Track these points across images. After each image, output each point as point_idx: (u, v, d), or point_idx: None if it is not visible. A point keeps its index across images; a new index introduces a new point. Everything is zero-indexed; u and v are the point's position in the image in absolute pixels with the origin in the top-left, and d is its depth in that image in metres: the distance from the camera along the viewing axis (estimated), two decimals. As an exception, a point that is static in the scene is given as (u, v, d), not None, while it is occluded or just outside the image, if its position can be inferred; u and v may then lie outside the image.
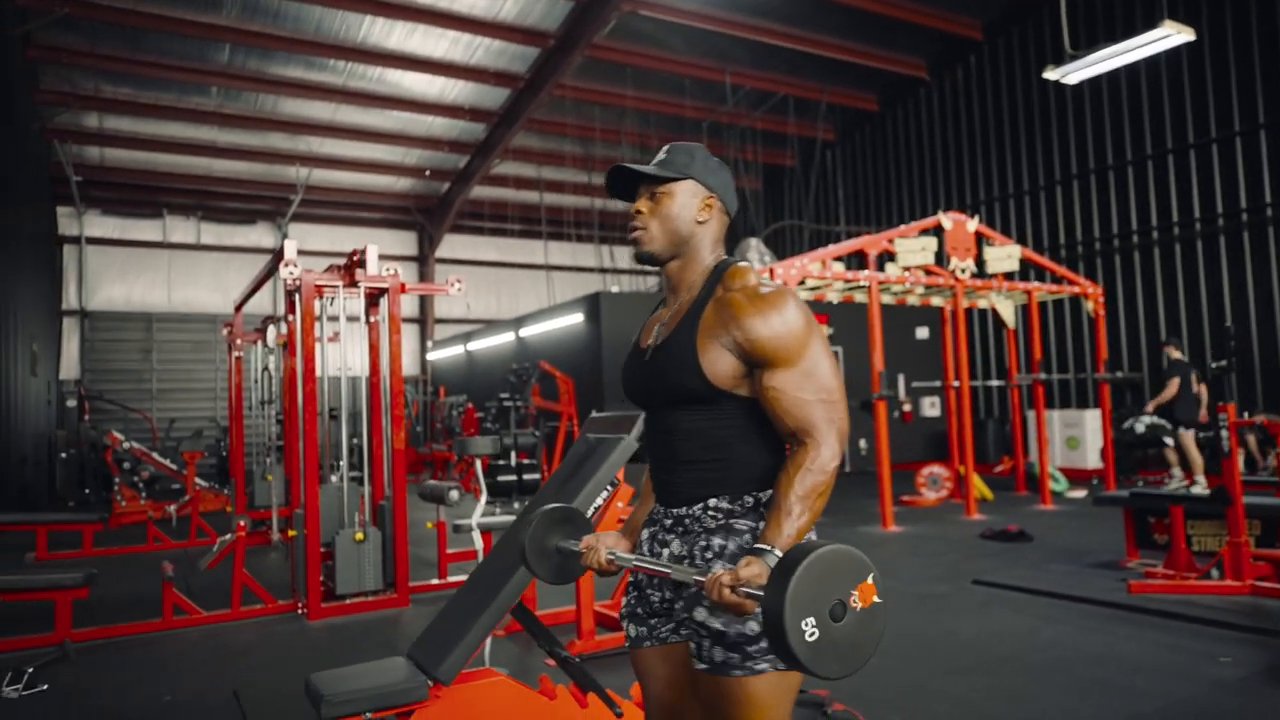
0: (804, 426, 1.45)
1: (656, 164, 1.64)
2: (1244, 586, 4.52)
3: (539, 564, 1.76)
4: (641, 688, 1.67)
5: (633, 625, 1.66)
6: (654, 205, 1.62)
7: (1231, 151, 11.06)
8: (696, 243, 1.62)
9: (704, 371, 1.51)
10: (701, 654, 1.47)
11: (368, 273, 5.44)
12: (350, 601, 5.11)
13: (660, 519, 1.64)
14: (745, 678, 1.43)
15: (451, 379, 17.84)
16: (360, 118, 15.31)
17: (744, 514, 1.53)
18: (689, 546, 1.55)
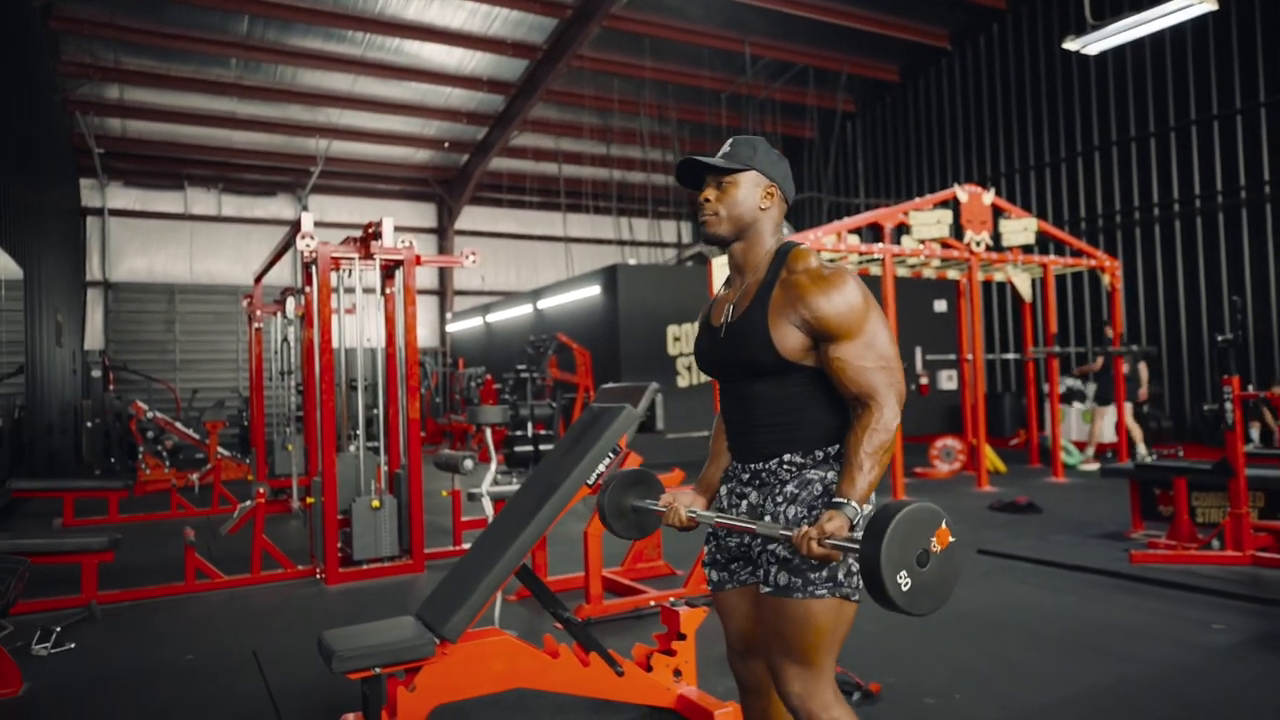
0: (867, 391, 1.64)
1: (722, 156, 1.81)
2: (1244, 557, 4.55)
3: (616, 522, 2.02)
4: (724, 622, 1.90)
5: (714, 571, 1.89)
6: (721, 194, 1.79)
7: (1256, 123, 10.86)
8: (759, 227, 1.80)
9: (775, 346, 1.70)
10: (767, 578, 1.69)
11: (383, 245, 5.53)
12: (367, 567, 5.26)
13: (738, 474, 1.84)
14: (805, 600, 1.63)
15: (471, 351, 18.00)
16: (379, 89, 15.35)
17: (814, 466, 1.74)
18: (765, 495, 1.77)
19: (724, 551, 1.86)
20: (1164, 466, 5.14)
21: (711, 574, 1.90)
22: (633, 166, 18.51)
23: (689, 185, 1.86)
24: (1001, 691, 2.99)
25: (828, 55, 15.33)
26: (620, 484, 2.04)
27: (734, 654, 1.92)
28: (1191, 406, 11.59)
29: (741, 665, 1.91)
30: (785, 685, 1.67)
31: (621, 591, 4.52)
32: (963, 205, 8.54)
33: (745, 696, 1.94)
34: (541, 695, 3.02)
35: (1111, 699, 2.89)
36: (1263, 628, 3.60)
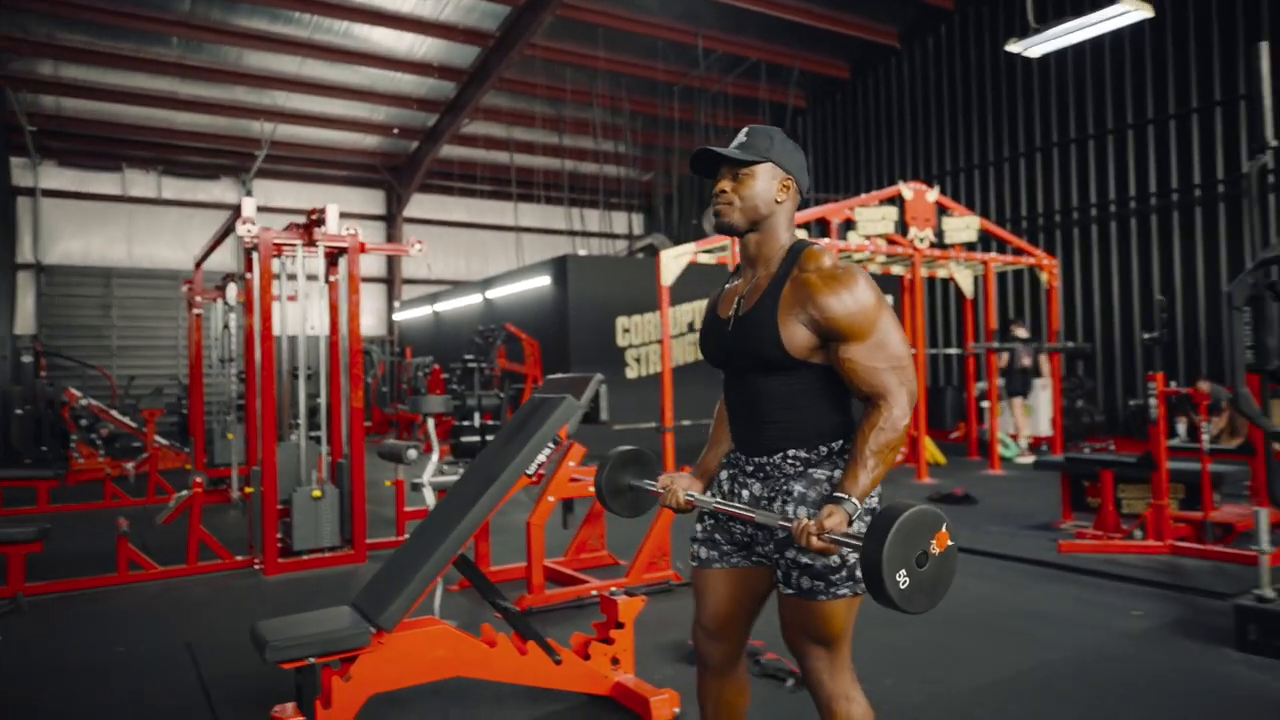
0: (877, 391, 1.67)
1: (738, 146, 1.80)
2: (1164, 546, 4.75)
3: (613, 500, 2.09)
4: (699, 600, 1.94)
5: (704, 549, 1.92)
6: (737, 185, 1.79)
7: (1188, 129, 11.26)
8: (774, 220, 1.80)
9: (783, 343, 1.71)
10: (790, 582, 1.73)
11: (327, 232, 5.45)
12: (307, 558, 5.20)
13: (741, 464, 1.87)
14: (828, 601, 1.70)
15: (419, 340, 17.80)
16: (327, 72, 15.05)
17: (819, 462, 1.77)
18: (770, 489, 1.79)
19: (724, 533, 1.89)
20: (1092, 460, 5.33)
21: (700, 550, 1.92)
22: (585, 157, 18.45)
23: (703, 174, 1.86)
24: (930, 676, 3.09)
25: (780, 50, 15.45)
26: (617, 463, 2.09)
27: (703, 631, 1.94)
28: (1124, 402, 11.99)
29: (708, 643, 1.94)
30: (811, 663, 1.77)
31: (564, 581, 4.55)
32: (907, 202, 8.71)
33: (705, 673, 1.97)
34: (481, 684, 3.03)
35: (1032, 682, 3.00)
36: (1177, 613, 3.77)
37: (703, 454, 2.05)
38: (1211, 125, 11.01)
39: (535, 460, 2.82)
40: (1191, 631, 3.50)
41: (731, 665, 1.94)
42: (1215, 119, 10.96)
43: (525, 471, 2.81)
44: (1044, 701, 2.82)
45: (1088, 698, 2.85)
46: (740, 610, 1.90)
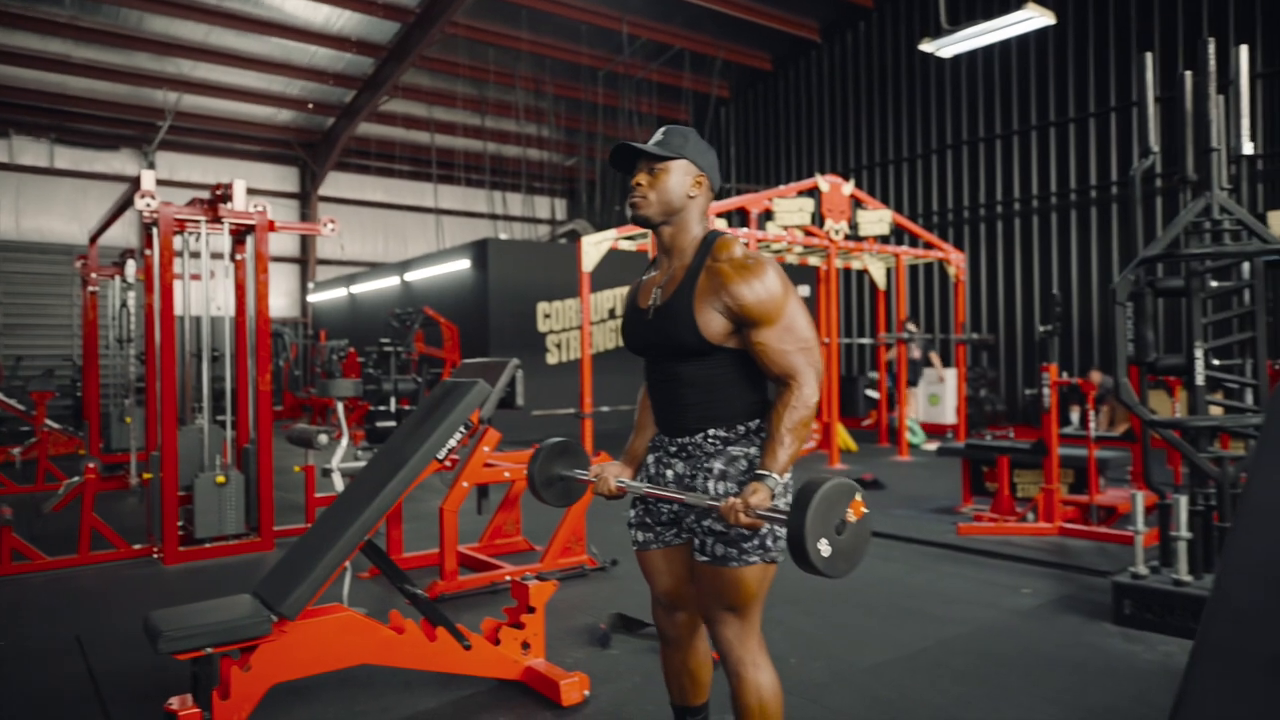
0: (788, 372, 1.79)
1: (655, 144, 1.90)
2: (1054, 528, 5.02)
3: (544, 490, 2.16)
4: (649, 579, 2.05)
5: (640, 532, 2.03)
6: (652, 179, 1.88)
7: (1085, 132, 11.82)
8: (687, 214, 1.90)
9: (699, 330, 1.81)
10: (704, 549, 1.84)
11: (233, 208, 5.25)
12: (210, 546, 5.03)
13: (665, 446, 1.98)
14: (739, 568, 1.81)
15: (334, 322, 17.32)
16: (236, 42, 14.42)
17: (737, 440, 1.87)
18: (692, 467, 1.90)
19: (653, 515, 2.00)
20: (990, 446, 5.57)
21: (637, 535, 2.04)
22: (507, 140, 18.21)
23: (620, 169, 1.96)
24: (834, 655, 3.19)
25: (704, 40, 15.53)
26: (548, 454, 2.16)
27: (659, 608, 2.07)
28: (1023, 391, 12.56)
29: (666, 618, 2.05)
30: (721, 629, 1.86)
31: (479, 567, 4.52)
32: (824, 195, 8.90)
33: (666, 647, 2.08)
34: (388, 672, 3.00)
35: (927, 658, 3.14)
36: (1064, 591, 3.99)
37: (630, 441, 2.14)
38: (1107, 129, 11.59)
39: (446, 445, 2.79)
40: (1075, 607, 3.71)
41: (691, 636, 2.05)
42: (1111, 123, 11.54)
43: (436, 456, 2.78)
44: (940, 676, 2.96)
45: (979, 671, 3.00)
46: (685, 584, 2.01)
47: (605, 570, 4.54)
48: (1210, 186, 3.25)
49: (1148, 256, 3.26)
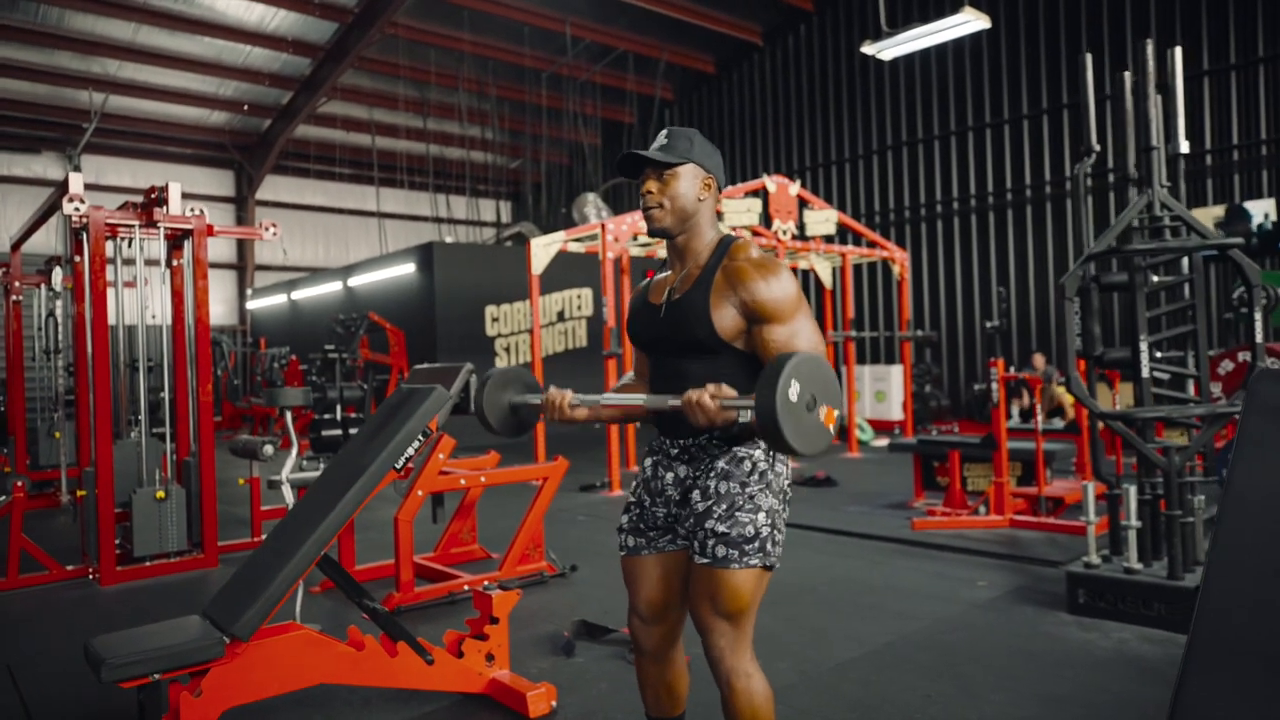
0: None
1: (660, 149, 1.89)
2: (1005, 520, 5.12)
3: (495, 418, 2.07)
4: (631, 588, 2.00)
5: (631, 537, 1.99)
6: (663, 186, 1.88)
7: (1019, 133, 12.15)
8: (700, 218, 1.91)
9: (713, 325, 1.81)
10: (705, 550, 1.80)
11: (168, 212, 5.05)
12: (150, 564, 4.83)
13: (665, 449, 1.95)
14: (739, 570, 1.78)
15: (274, 329, 16.87)
16: (166, 41, 13.96)
17: (743, 442, 1.85)
18: (696, 469, 1.87)
19: (646, 520, 1.96)
20: (941, 441, 5.67)
21: (628, 540, 1.99)
22: (450, 142, 17.98)
23: (627, 176, 1.96)
24: (798, 654, 3.19)
25: (648, 42, 15.55)
26: (496, 382, 2.08)
27: (638, 619, 2.00)
28: (965, 386, 12.84)
29: (644, 630, 2.00)
30: (714, 638, 1.82)
31: (434, 577, 4.43)
32: (771, 195, 8.97)
33: (643, 660, 2.03)
34: (347, 690, 2.90)
35: (892, 654, 3.16)
36: (1016, 582, 4.06)
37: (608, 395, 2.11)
38: (1041, 130, 11.93)
39: (404, 454, 2.71)
40: (1030, 598, 3.78)
41: (669, 649, 2.01)
42: (1042, 125, 11.88)
43: (394, 466, 2.70)
44: (905, 672, 2.98)
45: (943, 665, 3.03)
46: (671, 594, 1.97)
47: (565, 576, 4.48)
48: (1152, 184, 3.35)
49: (1095, 252, 3.33)
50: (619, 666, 3.11)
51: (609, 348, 7.47)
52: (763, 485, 1.83)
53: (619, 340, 7.61)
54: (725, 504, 1.80)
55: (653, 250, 10.03)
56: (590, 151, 18.22)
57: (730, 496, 1.81)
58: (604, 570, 4.58)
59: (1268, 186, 10.18)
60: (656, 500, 1.94)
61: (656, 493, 1.95)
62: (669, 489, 1.92)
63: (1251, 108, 10.23)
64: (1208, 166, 10.52)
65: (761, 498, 1.82)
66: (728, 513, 1.79)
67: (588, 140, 17.94)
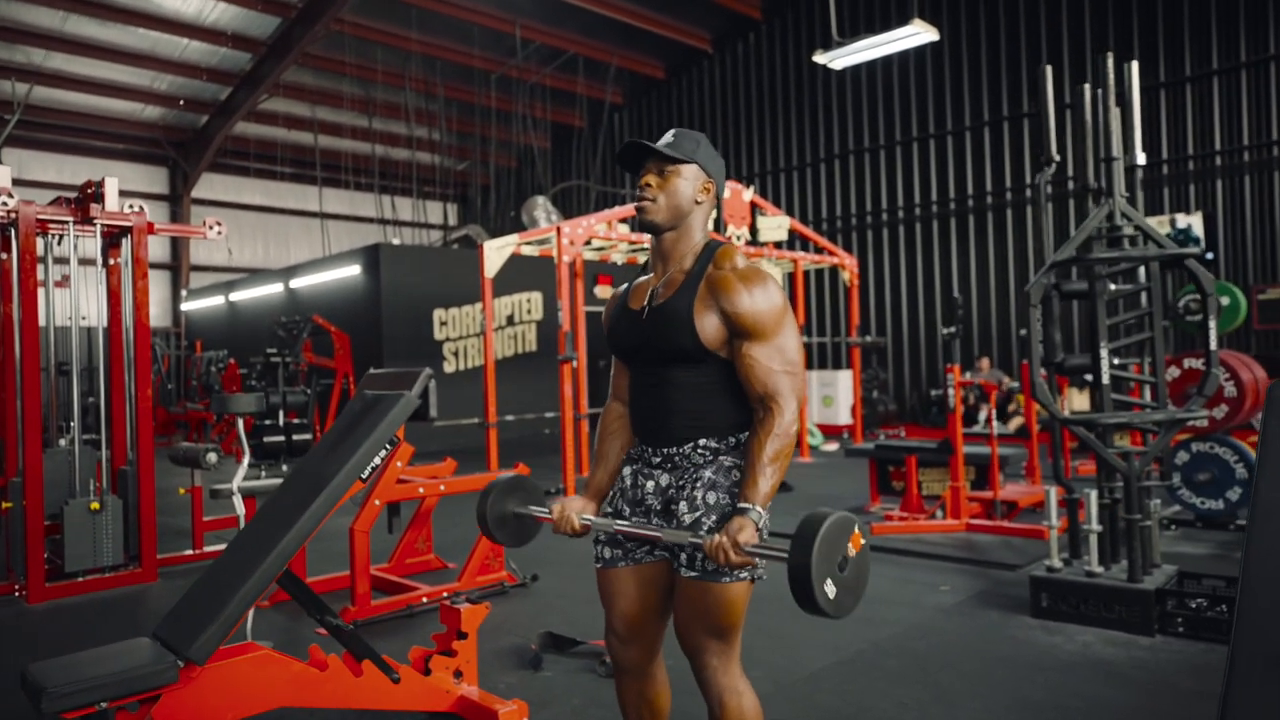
0: (770, 392, 1.72)
1: (666, 145, 1.83)
2: (961, 525, 5.19)
3: (498, 530, 2.03)
4: (607, 603, 1.92)
5: (608, 549, 1.91)
6: (663, 181, 1.82)
7: (969, 142, 12.43)
8: (692, 220, 1.85)
9: (697, 333, 1.75)
10: (695, 564, 1.74)
11: (105, 209, 4.81)
12: (83, 579, 4.58)
13: (646, 457, 1.87)
14: (730, 583, 1.73)
15: (210, 332, 16.32)
16: (96, 31, 13.42)
17: (728, 451, 1.80)
18: (680, 478, 1.80)
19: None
20: (899, 446, 5.72)
21: (604, 551, 1.91)
22: (397, 143, 17.66)
23: (627, 168, 1.89)
24: (771, 663, 3.16)
25: (598, 46, 15.51)
26: (501, 491, 2.04)
27: (614, 636, 1.93)
28: (911, 391, 13.07)
29: (621, 648, 1.93)
30: (704, 658, 1.78)
31: (391, 589, 4.28)
32: (725, 200, 8.99)
33: (622, 677, 1.96)
34: (305, 712, 2.77)
35: (863, 662, 3.15)
36: (979, 586, 4.10)
37: (591, 473, 2.04)
38: (989, 139, 12.23)
39: (371, 463, 2.60)
40: (993, 602, 3.82)
41: (649, 664, 1.94)
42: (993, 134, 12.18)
43: (360, 476, 2.58)
44: (877, 680, 2.96)
45: (915, 672, 3.02)
46: (650, 607, 1.90)
47: (526, 586, 4.39)
48: (1113, 194, 3.41)
49: (1059, 260, 3.38)
50: (590, 680, 3.03)
51: (564, 352, 7.38)
52: None
53: (573, 344, 7.53)
54: (715, 515, 1.75)
55: (606, 255, 9.98)
56: (540, 155, 18.09)
57: (720, 508, 1.75)
58: (566, 579, 4.49)
59: (1194, 201, 10.60)
60: (636, 510, 1.87)
61: (635, 502, 1.88)
62: (649, 498, 1.85)
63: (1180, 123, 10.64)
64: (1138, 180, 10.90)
65: None
66: (717, 524, 1.74)
67: (537, 143, 17.81)
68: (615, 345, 1.95)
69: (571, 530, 1.89)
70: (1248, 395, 4.75)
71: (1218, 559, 4.46)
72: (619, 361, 2.03)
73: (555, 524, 1.91)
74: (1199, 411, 3.26)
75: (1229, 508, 4.88)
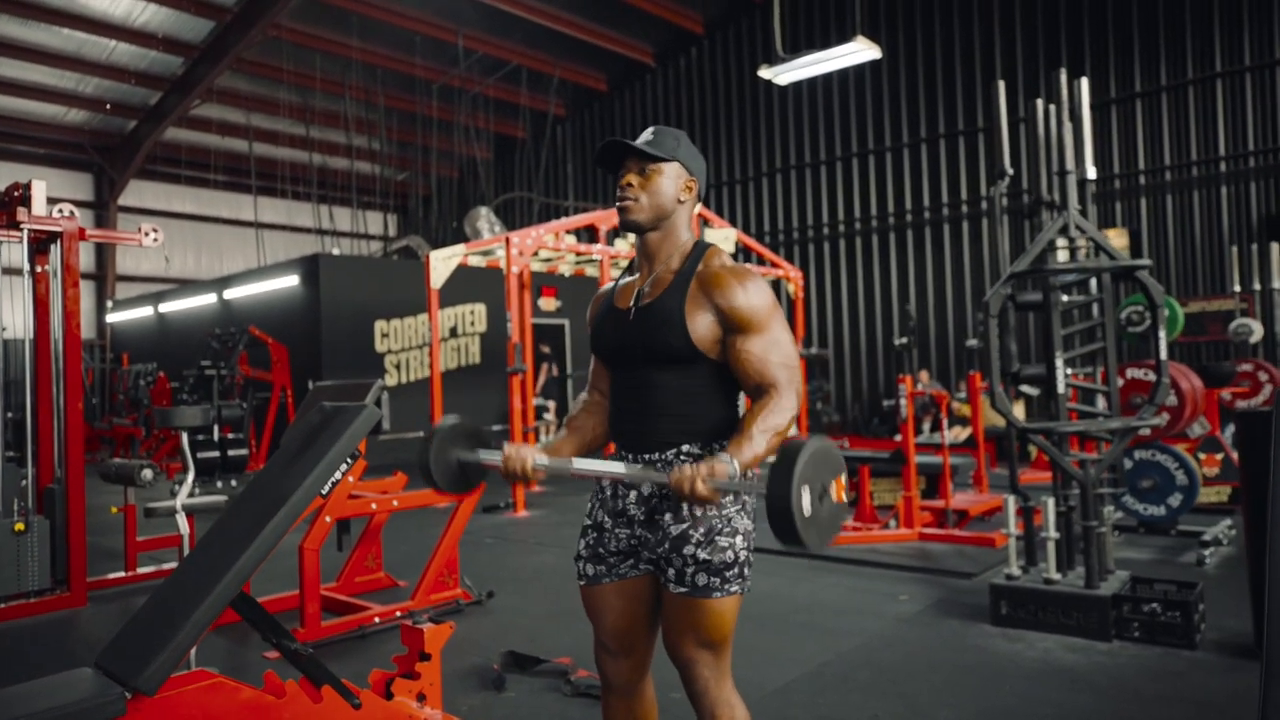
0: (768, 382, 1.69)
1: (646, 144, 1.79)
2: (914, 534, 5.25)
3: (442, 477, 1.90)
4: (595, 619, 1.87)
5: (591, 565, 1.85)
6: (644, 180, 1.78)
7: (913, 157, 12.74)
8: (676, 220, 1.81)
9: (688, 332, 1.71)
10: (684, 579, 1.70)
11: (32, 213, 4.57)
12: (7, 605, 4.30)
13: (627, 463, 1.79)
14: (722, 599, 1.70)
15: (138, 344, 15.67)
16: (18, 31, 12.85)
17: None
18: (662, 487, 1.73)
19: (606, 544, 1.82)
20: (851, 456, 5.76)
21: (587, 568, 1.86)
22: (335, 151, 17.30)
23: (606, 168, 1.85)
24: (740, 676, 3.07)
25: (541, 57, 15.45)
26: (445, 437, 1.91)
27: (605, 651, 1.88)
28: (853, 402, 13.27)
29: (611, 663, 1.87)
30: (697, 669, 1.73)
31: (341, 609, 4.13)
32: (674, 213, 9.01)
33: (610, 695, 1.91)
34: (257, 740, 2.62)
35: (831, 673, 3.13)
36: (936, 595, 4.14)
37: (554, 441, 1.96)
38: (922, 155, 12.55)
39: (331, 479, 2.48)
40: (952, 610, 3.86)
41: (638, 682, 1.90)
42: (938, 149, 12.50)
43: (320, 492, 2.46)
44: (848, 691, 2.95)
45: (883, 683, 3.02)
46: (638, 623, 1.85)
47: (481, 604, 4.27)
48: (1067, 207, 3.50)
49: (1017, 271, 3.45)
50: (556, 699, 2.95)
51: (513, 364, 7.27)
52: (738, 507, 1.75)
53: (522, 356, 7.42)
54: (703, 528, 1.70)
55: (554, 266, 9.90)
56: (482, 165, 17.91)
57: (708, 520, 1.71)
58: (522, 596, 4.39)
59: (1120, 217, 11.03)
60: (618, 521, 1.81)
61: (617, 513, 1.82)
62: (631, 508, 1.80)
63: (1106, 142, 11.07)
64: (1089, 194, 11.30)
65: (738, 520, 1.75)
66: (706, 537, 1.70)
67: (479, 154, 17.63)
68: (599, 346, 1.89)
69: (522, 471, 1.75)
70: (1187, 404, 4.92)
71: (1162, 564, 4.60)
72: (599, 362, 1.96)
73: (505, 466, 1.77)
74: (1152, 419, 3.35)
75: (1170, 514, 5.04)
